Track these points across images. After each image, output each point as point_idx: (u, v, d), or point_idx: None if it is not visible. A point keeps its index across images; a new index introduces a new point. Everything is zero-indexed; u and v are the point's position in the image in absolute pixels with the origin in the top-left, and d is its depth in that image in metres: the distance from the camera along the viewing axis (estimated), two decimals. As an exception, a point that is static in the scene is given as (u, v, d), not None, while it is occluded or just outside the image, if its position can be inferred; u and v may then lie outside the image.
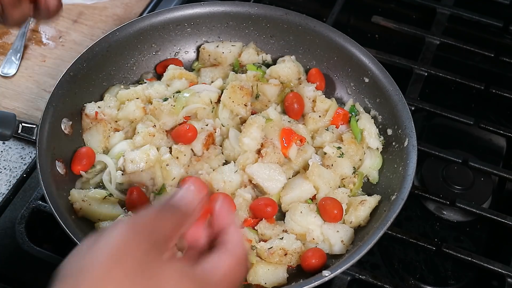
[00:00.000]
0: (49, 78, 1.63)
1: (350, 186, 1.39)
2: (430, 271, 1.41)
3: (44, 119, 1.32)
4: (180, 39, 1.58)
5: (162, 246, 0.81)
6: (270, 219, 1.33)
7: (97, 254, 0.78)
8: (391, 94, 1.43)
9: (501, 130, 1.57)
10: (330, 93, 1.55)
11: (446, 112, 1.58)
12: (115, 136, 1.42)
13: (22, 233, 1.31)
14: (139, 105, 1.43)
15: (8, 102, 1.58)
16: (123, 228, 0.81)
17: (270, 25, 1.57)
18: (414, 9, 1.89)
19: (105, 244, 0.79)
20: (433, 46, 1.72)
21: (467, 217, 1.48)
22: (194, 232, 0.90)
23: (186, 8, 1.56)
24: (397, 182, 1.32)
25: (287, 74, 1.52)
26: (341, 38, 1.52)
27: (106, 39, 1.48)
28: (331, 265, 1.23)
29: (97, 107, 1.43)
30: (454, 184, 1.50)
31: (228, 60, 1.56)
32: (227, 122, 1.45)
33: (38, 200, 1.36)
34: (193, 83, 1.50)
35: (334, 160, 1.39)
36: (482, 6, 1.86)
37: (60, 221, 1.19)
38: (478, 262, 1.33)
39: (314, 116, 1.47)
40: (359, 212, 1.32)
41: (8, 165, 1.48)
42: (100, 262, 0.77)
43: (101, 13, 1.79)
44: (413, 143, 1.35)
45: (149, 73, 1.57)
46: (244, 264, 0.89)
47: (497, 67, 1.79)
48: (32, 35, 1.73)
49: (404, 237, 1.36)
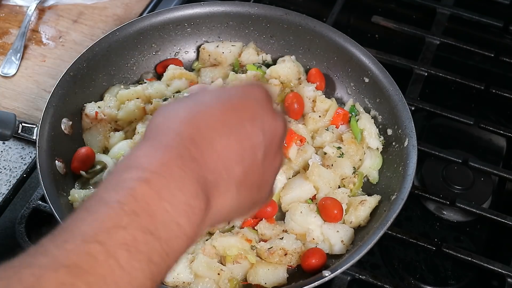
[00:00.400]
0: (49, 78, 1.63)
1: (350, 186, 1.39)
2: (430, 271, 1.40)
3: (44, 119, 1.33)
4: (180, 39, 1.58)
5: None
6: (270, 219, 1.33)
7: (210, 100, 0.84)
8: (391, 94, 1.43)
9: (501, 130, 1.57)
10: (330, 93, 1.55)
11: (446, 112, 1.58)
12: (115, 136, 1.42)
13: (22, 233, 1.31)
14: (139, 105, 1.43)
15: (8, 102, 1.58)
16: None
17: (270, 25, 1.57)
18: (414, 9, 1.89)
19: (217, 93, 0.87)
20: (433, 46, 1.72)
21: (467, 217, 1.48)
22: None
23: (186, 8, 1.56)
24: (397, 182, 1.32)
25: (287, 74, 1.52)
26: (341, 38, 1.52)
27: (106, 39, 1.48)
28: (331, 265, 1.23)
29: (97, 107, 1.43)
30: (454, 184, 1.50)
31: (228, 60, 1.56)
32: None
33: (38, 200, 1.36)
34: (193, 83, 1.50)
35: (334, 160, 1.39)
36: (482, 6, 1.86)
37: (60, 221, 1.19)
38: (478, 262, 1.33)
39: (314, 116, 1.47)
40: (359, 212, 1.32)
41: (8, 165, 1.48)
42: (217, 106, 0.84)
43: (101, 13, 1.79)
44: (413, 143, 1.35)
45: (149, 73, 1.57)
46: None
47: (497, 67, 1.79)
48: (32, 35, 1.73)
49: (404, 237, 1.36)
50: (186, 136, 0.79)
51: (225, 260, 1.26)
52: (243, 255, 1.26)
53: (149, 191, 0.71)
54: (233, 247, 1.26)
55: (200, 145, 0.79)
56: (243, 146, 0.83)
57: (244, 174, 0.83)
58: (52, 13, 1.78)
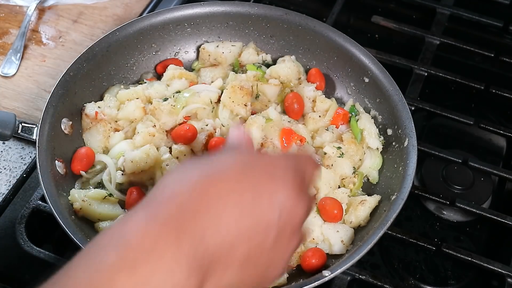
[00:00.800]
0: (49, 78, 1.63)
1: (350, 186, 1.39)
2: (430, 271, 1.41)
3: (44, 119, 1.32)
4: (180, 39, 1.58)
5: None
6: (270, 219, 1.33)
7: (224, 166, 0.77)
8: (391, 94, 1.43)
9: (501, 130, 1.57)
10: (330, 93, 1.55)
11: (446, 112, 1.58)
12: (115, 136, 1.42)
13: (22, 233, 1.31)
14: (139, 105, 1.43)
15: (8, 102, 1.58)
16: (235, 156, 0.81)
17: (270, 25, 1.57)
18: (414, 9, 1.89)
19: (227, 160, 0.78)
20: (433, 46, 1.72)
21: (467, 217, 1.48)
22: None
23: (186, 8, 1.56)
24: (397, 182, 1.32)
25: (287, 74, 1.52)
26: (341, 38, 1.52)
27: (106, 39, 1.48)
28: (331, 265, 1.23)
29: (97, 107, 1.43)
30: (454, 184, 1.50)
31: (228, 60, 1.56)
32: (227, 122, 1.45)
33: (38, 200, 1.36)
34: (193, 83, 1.50)
35: (334, 160, 1.39)
36: (482, 6, 1.86)
37: (60, 221, 1.19)
38: (478, 262, 1.33)
39: (314, 116, 1.47)
40: (359, 212, 1.32)
41: (8, 165, 1.48)
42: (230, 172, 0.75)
43: (101, 13, 1.79)
44: (413, 143, 1.35)
45: (149, 73, 1.57)
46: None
47: (497, 67, 1.79)
48: (32, 35, 1.73)
49: (404, 237, 1.36)
50: (189, 208, 0.71)
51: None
52: (243, 255, 1.26)
53: (129, 283, 0.65)
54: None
55: (204, 218, 0.71)
56: (255, 222, 0.75)
57: (248, 253, 0.75)
58: (52, 13, 1.78)
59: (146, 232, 0.68)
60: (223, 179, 0.74)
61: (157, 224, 0.69)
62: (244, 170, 0.76)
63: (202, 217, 0.71)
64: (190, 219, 0.70)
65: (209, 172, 0.75)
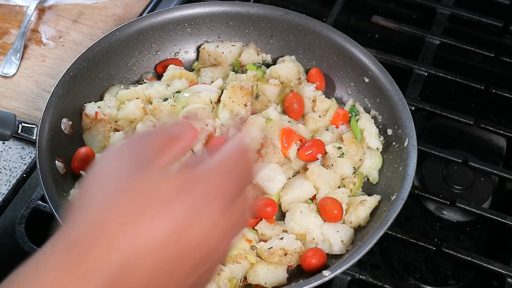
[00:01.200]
0: (49, 78, 1.63)
1: (350, 186, 1.39)
2: (430, 271, 1.41)
3: (44, 119, 1.33)
4: (180, 39, 1.58)
5: (145, 163, 0.74)
6: (270, 219, 1.33)
7: (89, 182, 0.76)
8: (391, 94, 1.43)
9: (501, 130, 1.57)
10: (330, 93, 1.55)
11: (446, 112, 1.58)
12: (115, 136, 1.42)
13: (22, 233, 1.31)
14: (139, 105, 1.43)
15: (8, 102, 1.58)
16: (109, 153, 0.79)
17: (270, 25, 1.57)
18: (414, 9, 1.89)
19: (93, 172, 0.76)
20: (433, 46, 1.72)
21: (467, 217, 1.48)
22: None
23: (186, 8, 1.56)
24: (397, 182, 1.32)
25: (287, 74, 1.52)
26: (341, 38, 1.52)
27: (106, 39, 1.48)
28: (331, 265, 1.23)
29: (97, 107, 1.43)
30: (454, 184, 1.50)
31: (228, 60, 1.56)
32: (227, 122, 1.45)
33: (38, 200, 1.36)
34: (193, 83, 1.50)
35: (334, 160, 1.39)
36: (482, 6, 1.86)
37: (60, 221, 1.19)
38: (478, 262, 1.33)
39: (314, 116, 1.47)
40: (359, 212, 1.32)
41: (8, 165, 1.48)
42: (91, 187, 0.74)
43: (101, 13, 1.79)
44: (413, 143, 1.35)
45: (149, 73, 1.57)
46: (242, 158, 0.81)
47: (497, 67, 1.79)
48: (32, 35, 1.73)
49: (404, 237, 1.36)
50: (98, 221, 0.69)
51: (225, 260, 1.26)
52: (243, 255, 1.26)
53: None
54: (233, 247, 1.25)
55: (112, 232, 0.68)
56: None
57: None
58: (52, 13, 1.78)
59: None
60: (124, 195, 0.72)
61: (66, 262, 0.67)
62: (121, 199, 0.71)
63: (110, 232, 0.69)
64: (99, 236, 0.69)
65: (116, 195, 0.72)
